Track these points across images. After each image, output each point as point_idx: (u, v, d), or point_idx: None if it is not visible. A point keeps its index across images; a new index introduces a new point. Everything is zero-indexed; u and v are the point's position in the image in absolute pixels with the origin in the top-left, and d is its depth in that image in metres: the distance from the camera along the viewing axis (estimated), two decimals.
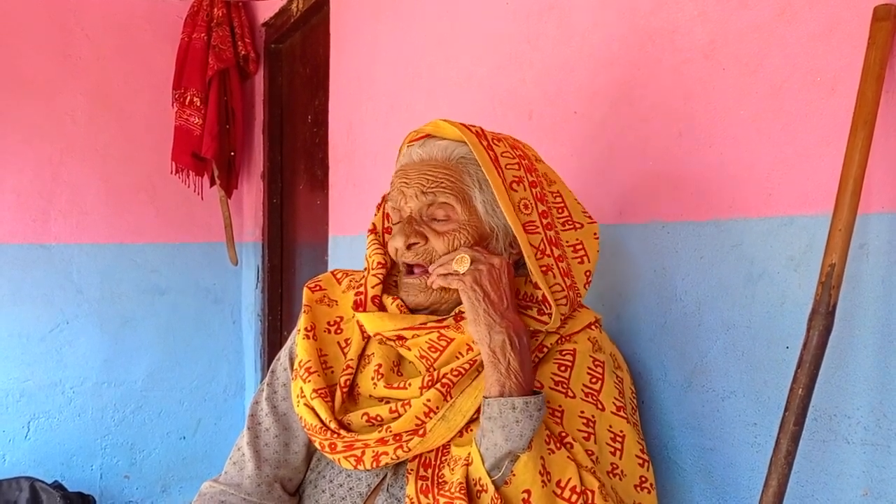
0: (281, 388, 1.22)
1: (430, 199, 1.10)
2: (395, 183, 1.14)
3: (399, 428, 1.03)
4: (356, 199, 2.49)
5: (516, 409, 0.96)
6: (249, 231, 3.70)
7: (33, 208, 3.35)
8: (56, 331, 3.40)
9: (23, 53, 3.30)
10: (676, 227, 1.25)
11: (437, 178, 1.10)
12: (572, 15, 1.47)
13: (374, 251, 1.18)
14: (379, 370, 1.10)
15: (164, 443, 3.57)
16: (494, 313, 1.01)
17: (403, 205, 1.12)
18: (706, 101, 1.18)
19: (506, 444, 0.96)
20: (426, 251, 1.10)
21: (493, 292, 1.02)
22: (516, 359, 0.99)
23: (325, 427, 1.08)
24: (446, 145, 1.12)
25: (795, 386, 0.94)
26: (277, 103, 3.49)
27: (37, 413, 3.37)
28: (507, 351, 0.99)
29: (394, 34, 2.22)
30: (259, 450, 1.18)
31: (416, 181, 1.10)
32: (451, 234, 1.09)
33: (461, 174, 1.11)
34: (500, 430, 0.96)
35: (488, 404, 0.98)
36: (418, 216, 1.11)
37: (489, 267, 1.04)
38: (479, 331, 1.01)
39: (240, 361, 3.75)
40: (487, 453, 0.97)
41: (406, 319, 1.10)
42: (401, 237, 1.10)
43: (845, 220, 0.91)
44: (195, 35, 3.33)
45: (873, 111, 0.91)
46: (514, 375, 0.99)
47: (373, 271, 1.17)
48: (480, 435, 0.99)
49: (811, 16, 1.02)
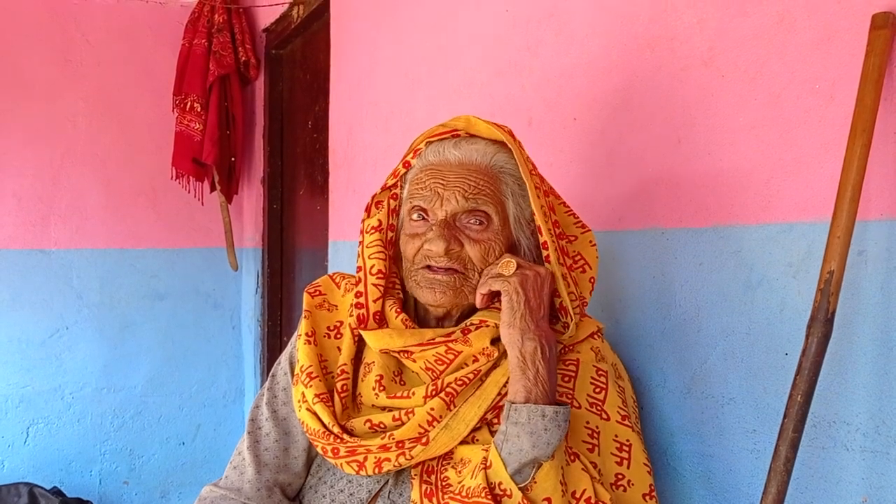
0: (281, 392, 1.22)
1: (472, 206, 1.08)
2: (426, 182, 1.11)
3: (402, 435, 1.03)
4: (356, 204, 2.50)
5: (546, 416, 0.96)
6: (249, 236, 3.70)
7: (33, 213, 3.36)
8: (55, 336, 3.40)
9: (24, 58, 3.31)
10: (676, 233, 1.25)
11: (478, 185, 1.09)
12: (571, 22, 1.48)
13: (376, 254, 1.14)
14: (380, 381, 1.09)
15: (164, 448, 3.57)
16: (531, 319, 1.01)
17: (438, 207, 1.09)
18: (705, 109, 1.19)
19: (532, 451, 0.95)
20: (460, 257, 1.09)
21: (533, 299, 1.03)
22: (545, 367, 0.99)
23: (327, 432, 1.08)
24: (484, 150, 1.11)
25: (794, 393, 0.94)
26: (278, 109, 3.49)
27: (36, 419, 3.37)
28: (538, 359, 0.99)
29: (394, 41, 2.22)
30: (259, 454, 1.18)
31: (456, 184, 1.09)
32: (487, 243, 1.09)
33: (499, 183, 1.11)
34: (527, 436, 0.96)
35: (516, 409, 0.97)
36: (452, 220, 1.09)
37: (535, 274, 1.04)
38: (511, 334, 1.01)
39: (239, 367, 3.75)
40: (511, 458, 0.96)
41: (415, 335, 1.09)
42: (441, 241, 1.06)
43: (844, 226, 0.91)
44: (196, 41, 3.34)
45: (872, 118, 0.91)
46: (542, 384, 0.99)
47: (372, 280, 1.13)
48: (502, 439, 0.98)
49: (809, 24, 1.03)
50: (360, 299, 1.13)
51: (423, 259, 1.10)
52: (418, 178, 1.13)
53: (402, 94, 2.17)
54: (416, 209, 1.12)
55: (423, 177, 1.12)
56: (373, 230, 1.16)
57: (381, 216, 1.17)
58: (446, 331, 1.10)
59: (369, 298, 1.13)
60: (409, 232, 1.13)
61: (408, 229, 1.14)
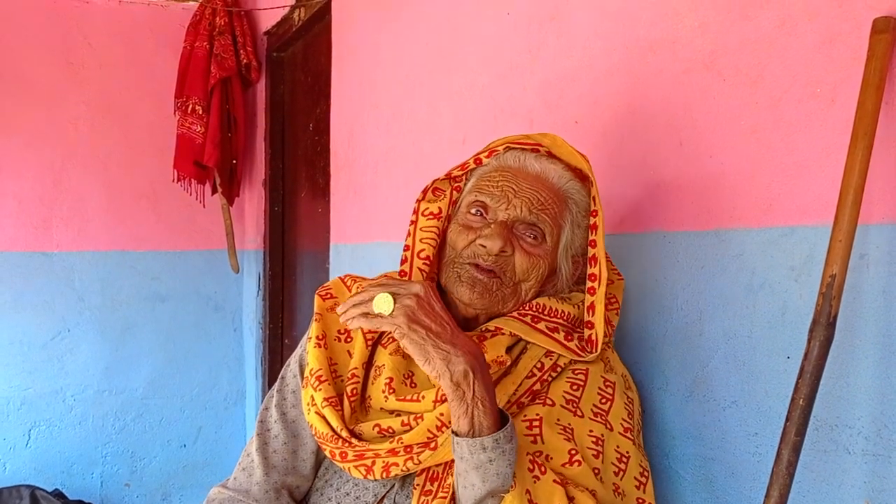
0: (290, 394, 1.22)
1: (533, 220, 1.11)
2: (498, 181, 1.12)
3: (411, 440, 1.03)
4: (357, 207, 2.50)
5: (487, 448, 0.91)
6: (251, 239, 3.70)
7: (35, 216, 3.36)
8: (57, 338, 3.40)
9: (26, 61, 3.31)
10: (677, 236, 1.25)
11: (545, 203, 1.11)
12: (573, 25, 1.48)
13: (428, 239, 1.14)
14: (390, 384, 1.09)
15: (165, 451, 3.57)
16: (444, 344, 0.92)
17: (503, 208, 1.11)
18: (707, 112, 1.19)
19: (483, 486, 0.92)
20: (505, 262, 1.10)
21: (433, 324, 0.93)
22: (480, 384, 0.93)
23: (336, 435, 1.08)
24: (562, 173, 1.15)
25: (796, 396, 0.94)
26: (279, 111, 3.50)
27: (37, 421, 3.37)
28: (470, 379, 0.92)
29: (395, 43, 2.23)
30: (268, 456, 1.18)
31: (527, 194, 1.11)
32: (536, 259, 1.11)
33: (564, 208, 1.14)
34: (474, 471, 0.92)
35: (457, 443, 0.92)
36: (511, 225, 1.11)
37: (416, 298, 0.93)
38: (435, 368, 0.92)
39: (240, 369, 3.75)
40: (466, 493, 0.94)
41: None
42: (499, 240, 1.08)
43: (846, 230, 0.92)
44: (197, 44, 3.34)
45: (873, 122, 0.91)
46: (480, 402, 0.92)
47: (418, 263, 1.14)
48: (456, 474, 0.95)
49: (811, 28, 1.03)
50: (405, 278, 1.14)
51: (473, 254, 1.11)
52: (490, 176, 1.14)
53: (403, 96, 2.18)
54: (477, 204, 1.14)
55: (496, 175, 1.14)
56: (431, 216, 1.17)
57: (443, 204, 1.17)
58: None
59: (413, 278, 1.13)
60: (464, 223, 1.14)
61: (462, 220, 1.15)
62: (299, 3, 3.01)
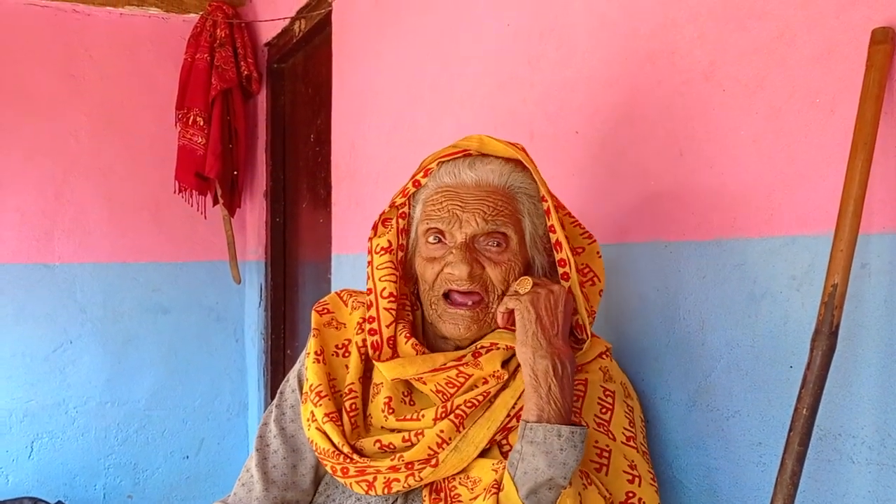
0: (289, 409, 1.22)
1: (491, 228, 1.08)
2: (443, 203, 1.10)
3: (412, 457, 1.03)
4: (359, 217, 2.50)
5: (562, 436, 0.95)
6: (252, 250, 3.71)
7: (37, 227, 3.37)
8: (59, 350, 3.40)
9: (27, 73, 3.33)
10: (679, 246, 1.25)
11: (496, 206, 1.09)
12: (572, 36, 1.48)
13: (387, 276, 1.13)
14: (389, 404, 1.09)
15: (168, 462, 3.57)
16: (542, 337, 1.01)
17: (457, 229, 1.09)
18: (707, 122, 1.19)
19: (548, 471, 0.94)
20: (482, 280, 1.08)
21: (546, 317, 1.02)
22: (557, 385, 0.99)
23: (337, 451, 1.08)
24: (500, 169, 1.11)
25: (800, 406, 0.94)
26: (280, 122, 3.51)
27: (40, 433, 3.37)
28: (550, 376, 0.99)
29: (395, 54, 2.23)
30: (267, 471, 1.18)
31: (475, 206, 1.08)
32: (507, 264, 1.09)
33: (515, 203, 1.11)
34: (543, 455, 0.95)
35: (531, 428, 0.96)
36: (471, 242, 1.09)
37: (547, 292, 1.04)
38: (524, 352, 1.01)
39: (243, 380, 3.75)
40: (526, 477, 0.95)
41: (426, 362, 1.08)
42: (465, 266, 1.06)
43: (847, 240, 0.92)
44: (198, 55, 3.36)
45: (873, 132, 0.92)
46: (554, 402, 0.98)
47: (384, 304, 1.12)
48: (517, 458, 0.96)
49: (810, 38, 1.03)
50: (373, 325, 1.12)
51: (445, 283, 1.09)
52: (434, 200, 1.12)
53: (404, 107, 2.18)
54: (432, 231, 1.11)
55: (438, 198, 1.11)
56: (383, 251, 1.15)
57: (391, 236, 1.15)
58: (457, 354, 1.10)
59: (382, 324, 1.12)
60: (427, 255, 1.12)
61: (424, 252, 1.13)
62: (300, 15, 3.02)
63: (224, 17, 3.39)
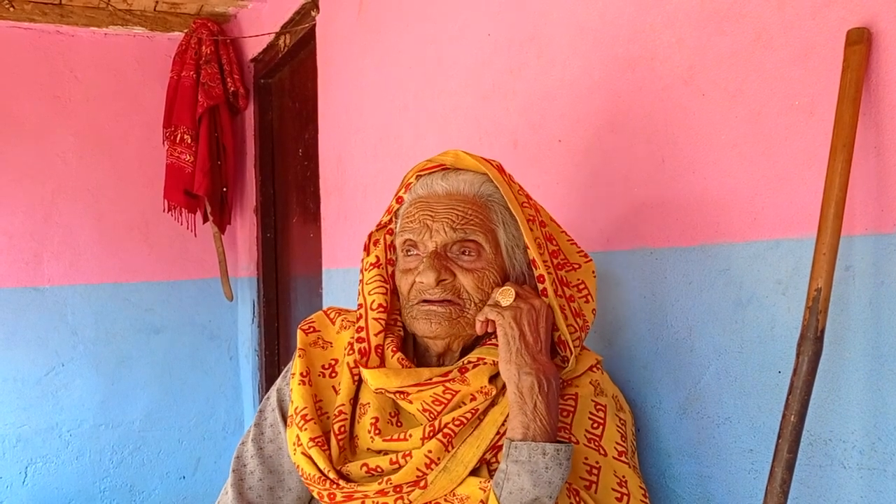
0: (268, 429, 1.20)
1: (461, 236, 1.07)
2: (415, 214, 1.10)
3: (400, 480, 1.01)
4: (348, 231, 2.49)
5: (546, 454, 0.94)
6: (244, 266, 3.69)
7: (25, 251, 3.35)
8: (52, 374, 3.38)
9: (12, 95, 3.31)
10: (664, 253, 1.24)
11: (466, 215, 1.08)
12: (552, 45, 1.48)
13: (376, 289, 1.13)
14: (375, 424, 1.07)
15: (164, 483, 3.54)
16: (526, 354, 1.00)
17: (427, 239, 1.08)
18: (687, 127, 1.19)
19: (534, 490, 0.93)
20: (454, 287, 1.07)
21: (529, 333, 1.02)
22: (543, 402, 0.98)
23: (323, 477, 1.05)
24: (472, 180, 1.10)
25: (787, 413, 0.93)
26: (268, 138, 3.50)
27: (34, 458, 3.34)
28: (535, 393, 0.98)
29: (379, 67, 2.23)
30: (243, 492, 1.16)
31: (444, 215, 1.08)
32: (481, 272, 1.08)
33: (488, 212, 1.10)
34: (528, 474, 0.94)
35: (516, 447, 0.95)
36: (443, 251, 1.08)
37: (529, 307, 1.03)
38: (508, 370, 1.00)
39: (238, 398, 3.73)
40: (511, 498, 0.94)
41: (411, 375, 1.07)
42: (431, 272, 1.05)
43: (829, 243, 0.91)
44: (184, 73, 3.35)
45: (852, 134, 0.91)
46: (540, 419, 0.97)
47: (373, 315, 1.12)
48: (502, 478, 0.95)
49: (786, 41, 1.03)
50: (362, 333, 1.12)
51: (418, 294, 1.09)
52: (408, 212, 1.12)
53: (389, 120, 2.18)
54: (407, 243, 1.11)
55: (412, 210, 1.11)
56: (371, 267, 1.15)
57: (379, 252, 1.16)
58: (443, 370, 1.08)
59: (370, 332, 1.11)
60: (403, 268, 1.12)
61: (401, 265, 1.13)
62: (284, 30, 3.02)
63: (209, 33, 3.39)
